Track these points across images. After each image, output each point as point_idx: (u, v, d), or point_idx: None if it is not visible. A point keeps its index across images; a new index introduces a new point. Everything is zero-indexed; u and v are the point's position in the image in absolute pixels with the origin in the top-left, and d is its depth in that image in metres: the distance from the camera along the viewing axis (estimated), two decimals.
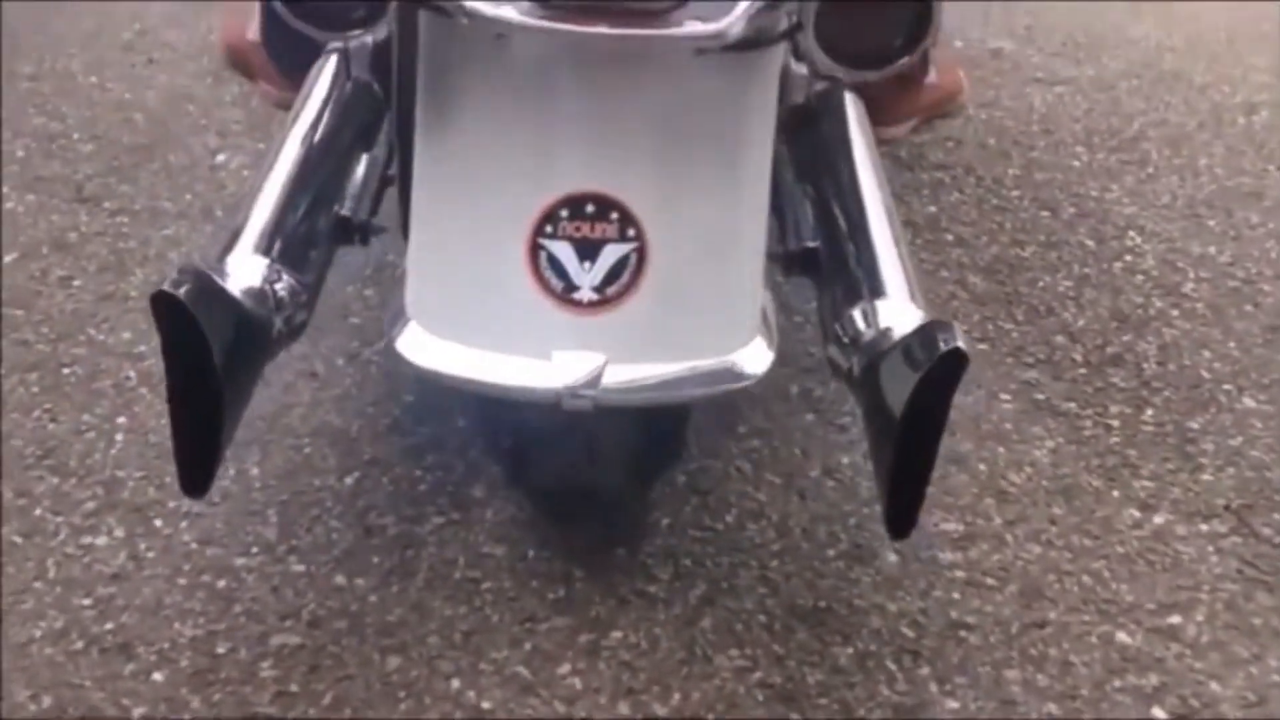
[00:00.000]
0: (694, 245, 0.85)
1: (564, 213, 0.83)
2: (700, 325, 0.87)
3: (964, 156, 1.74)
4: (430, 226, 0.89)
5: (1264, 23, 2.19)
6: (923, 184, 1.67)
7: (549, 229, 0.83)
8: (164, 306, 0.76)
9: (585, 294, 0.84)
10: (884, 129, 1.73)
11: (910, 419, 0.80)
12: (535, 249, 0.83)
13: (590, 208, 0.83)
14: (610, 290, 0.84)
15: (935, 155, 1.74)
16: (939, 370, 0.79)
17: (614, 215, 0.83)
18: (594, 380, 0.84)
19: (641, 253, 0.84)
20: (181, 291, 0.75)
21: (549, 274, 0.84)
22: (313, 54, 1.18)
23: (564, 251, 0.83)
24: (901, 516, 0.85)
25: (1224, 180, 1.71)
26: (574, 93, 0.81)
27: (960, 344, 0.78)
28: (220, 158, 1.61)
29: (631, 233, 0.83)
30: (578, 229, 0.83)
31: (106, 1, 1.99)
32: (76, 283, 1.37)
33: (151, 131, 1.66)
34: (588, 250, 0.84)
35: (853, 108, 1.18)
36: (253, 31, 1.75)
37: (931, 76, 1.78)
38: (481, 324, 0.86)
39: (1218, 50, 2.09)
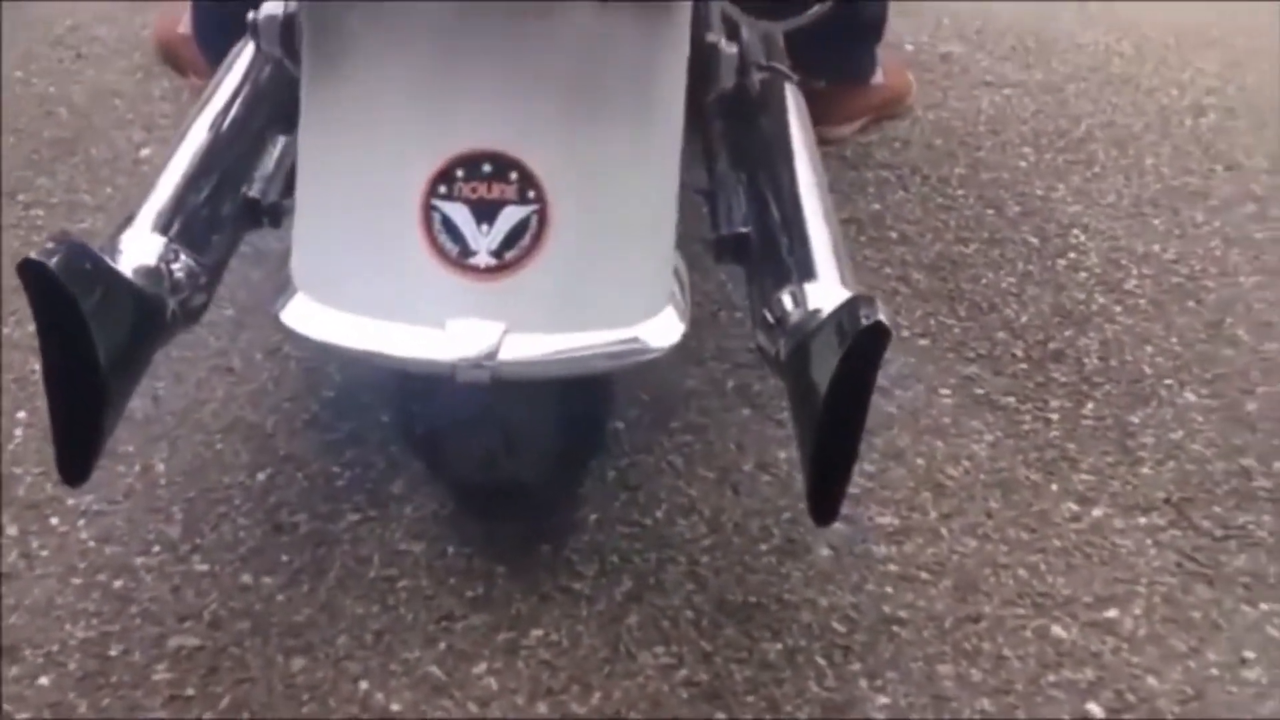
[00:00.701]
0: (599, 208, 0.81)
1: (459, 172, 0.78)
2: (606, 293, 0.83)
3: (910, 156, 1.72)
4: (316, 188, 0.84)
5: (1212, 29, 2.19)
6: (868, 183, 1.64)
7: (443, 189, 0.78)
8: (33, 277, 0.71)
9: (482, 259, 0.79)
10: (831, 128, 1.71)
11: (834, 399, 0.77)
12: (428, 211, 0.79)
13: (487, 167, 0.78)
14: (509, 255, 0.80)
15: (881, 155, 1.72)
16: (861, 345, 0.75)
17: (513, 175, 0.78)
18: (491, 351, 0.79)
19: (543, 215, 0.79)
20: (52, 261, 0.71)
21: (443, 238, 0.79)
22: None
23: (459, 214, 0.79)
24: (826, 502, 0.81)
25: (1170, 180, 1.69)
26: (469, 44, 0.77)
27: (881, 317, 0.75)
28: (145, 152, 1.57)
29: (532, 194, 0.79)
30: (474, 190, 0.78)
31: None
32: None
33: (75, 125, 1.61)
34: (485, 212, 0.79)
35: (793, 99, 1.15)
36: (184, 25, 1.71)
37: (879, 77, 1.76)
38: (372, 292, 0.82)
39: (1166, 55, 2.08)
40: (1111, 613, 1.01)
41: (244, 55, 1.11)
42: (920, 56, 2.03)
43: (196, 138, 0.99)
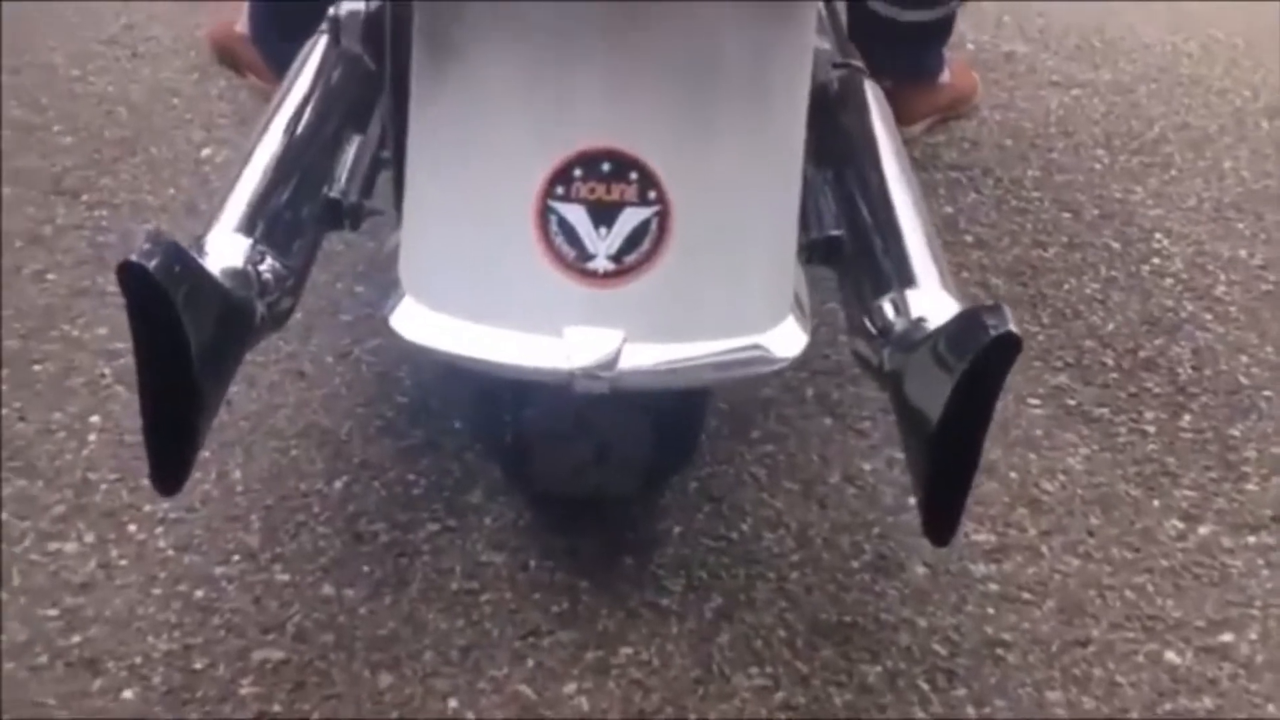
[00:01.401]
0: (722, 210, 0.77)
1: (577, 172, 0.75)
2: (729, 300, 0.79)
3: (981, 157, 1.68)
4: (426, 188, 0.81)
5: None
6: (939, 184, 1.60)
7: (560, 190, 0.75)
8: (132, 279, 0.68)
9: (601, 263, 0.76)
10: (898, 128, 1.67)
11: (953, 413, 0.73)
12: (545, 212, 0.75)
13: (606, 166, 0.75)
14: (629, 259, 0.76)
15: (951, 156, 1.68)
16: (987, 358, 0.72)
17: (633, 175, 0.75)
18: (611, 360, 0.76)
19: (664, 217, 0.76)
20: (152, 263, 0.68)
21: (560, 241, 0.75)
22: (302, 45, 1.11)
23: (577, 215, 0.75)
24: (942, 521, 0.78)
25: (1250, 183, 1.65)
26: (586, 36, 0.73)
27: (1012, 327, 0.71)
28: (206, 152, 1.54)
29: (653, 195, 0.75)
30: (592, 190, 0.75)
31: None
32: (50, 276, 1.29)
33: (134, 125, 1.59)
34: (604, 214, 0.75)
35: (873, 95, 1.12)
36: (241, 24, 1.69)
37: (945, 76, 1.73)
38: (485, 297, 0.78)
39: (1235, 55, 2.04)
40: (1226, 637, 0.97)
41: (315, 53, 1.09)
42: (983, 55, 1.99)
43: (273, 138, 0.96)
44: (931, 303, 0.83)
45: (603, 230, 0.75)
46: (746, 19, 0.74)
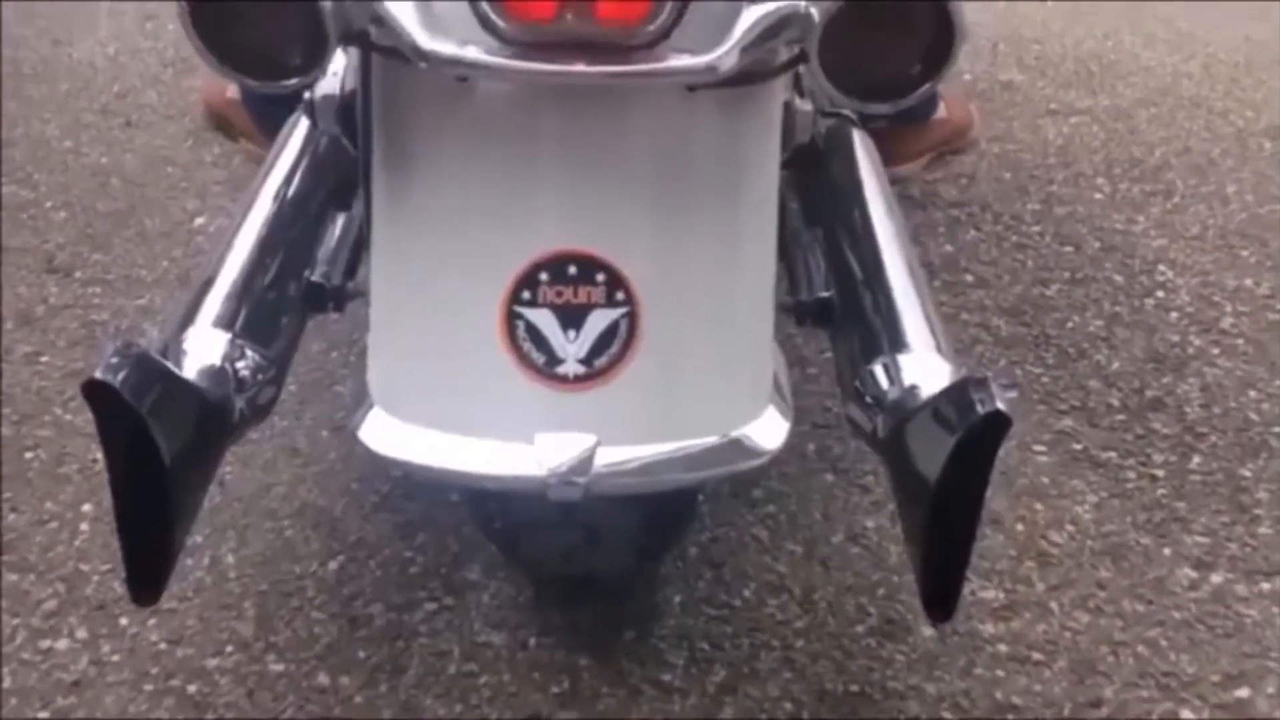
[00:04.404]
0: (693, 307, 0.76)
1: (543, 276, 0.73)
2: (704, 398, 0.78)
3: (979, 193, 1.66)
4: (392, 296, 0.79)
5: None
6: (938, 223, 1.59)
7: (526, 295, 0.74)
8: (99, 396, 0.67)
9: (570, 367, 0.75)
10: (894, 167, 1.66)
11: (945, 488, 0.71)
12: (511, 318, 0.74)
13: (572, 269, 0.73)
14: (599, 362, 0.75)
15: (949, 193, 1.66)
16: (975, 435, 0.70)
17: (600, 277, 0.74)
18: (584, 465, 0.74)
19: (633, 318, 0.74)
20: (118, 379, 0.67)
21: (528, 346, 0.74)
22: (295, 108, 1.10)
23: (545, 320, 0.74)
24: (941, 596, 0.76)
25: (1255, 208, 1.62)
26: (549, 140, 0.72)
27: (1000, 405, 0.69)
28: (200, 221, 1.54)
29: (621, 296, 0.74)
30: (559, 294, 0.73)
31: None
32: (43, 359, 1.29)
33: (128, 196, 1.59)
34: (572, 317, 0.74)
35: (862, 145, 1.10)
36: (233, 90, 1.69)
37: (941, 111, 1.71)
38: (454, 406, 0.77)
39: (1236, 75, 2.01)
40: (1243, 692, 0.95)
41: (296, 131, 1.08)
42: (979, 86, 1.97)
43: (255, 220, 0.95)
44: (924, 368, 0.81)
45: (571, 333, 0.74)
46: (709, 111, 0.73)
